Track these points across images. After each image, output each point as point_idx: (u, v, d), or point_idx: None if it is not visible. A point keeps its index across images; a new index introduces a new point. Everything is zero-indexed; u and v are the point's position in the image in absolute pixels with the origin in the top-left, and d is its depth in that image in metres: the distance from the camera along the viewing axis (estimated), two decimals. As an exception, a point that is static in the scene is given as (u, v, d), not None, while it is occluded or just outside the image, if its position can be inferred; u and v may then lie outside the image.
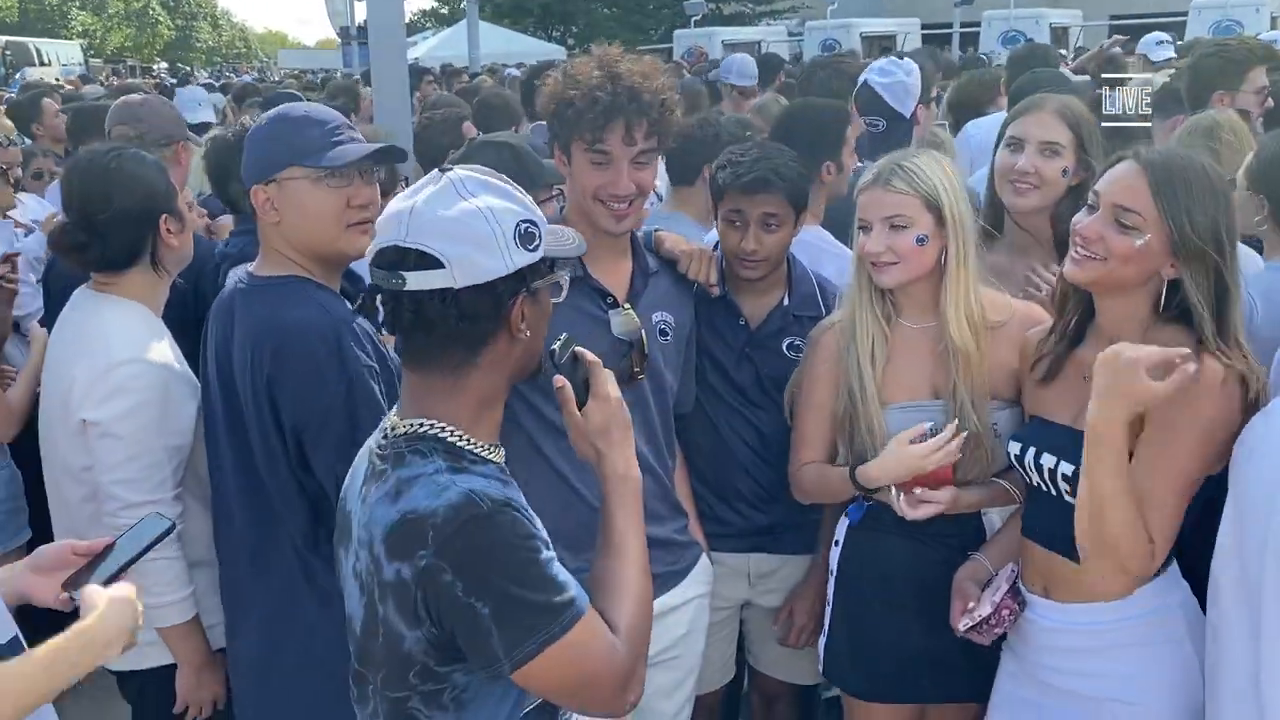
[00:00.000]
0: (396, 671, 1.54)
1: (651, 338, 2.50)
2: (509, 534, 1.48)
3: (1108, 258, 2.02)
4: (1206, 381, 1.91)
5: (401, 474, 1.54)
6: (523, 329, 1.59)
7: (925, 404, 2.42)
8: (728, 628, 2.96)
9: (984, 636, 2.22)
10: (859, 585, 2.54)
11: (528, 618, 1.47)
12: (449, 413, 1.59)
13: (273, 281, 2.28)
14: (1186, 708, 2.04)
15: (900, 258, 2.35)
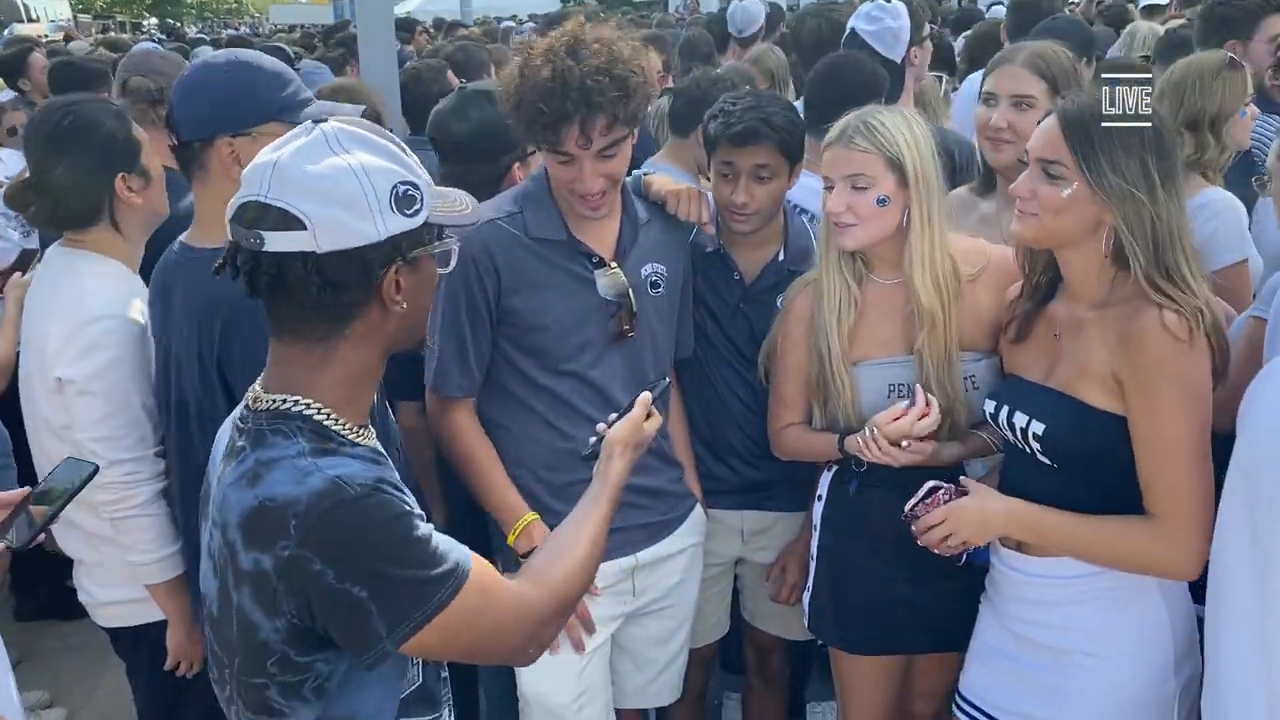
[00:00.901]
0: (253, 660, 1.46)
1: (641, 292, 2.48)
2: (379, 516, 1.40)
3: (1040, 212, 2.00)
4: (1166, 335, 1.88)
5: (261, 455, 1.43)
6: (398, 300, 1.46)
7: (899, 359, 2.39)
8: (721, 583, 2.96)
9: (930, 534, 2.18)
10: (842, 539, 2.54)
11: (408, 593, 1.40)
12: (314, 388, 1.47)
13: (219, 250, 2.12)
14: (1153, 662, 2.04)
15: (860, 219, 2.32)
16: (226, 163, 2.07)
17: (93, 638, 4.14)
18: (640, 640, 2.68)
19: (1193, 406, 1.90)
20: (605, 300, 2.42)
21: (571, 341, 2.40)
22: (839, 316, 2.40)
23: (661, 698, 2.78)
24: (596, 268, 2.42)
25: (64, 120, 2.50)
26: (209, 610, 1.54)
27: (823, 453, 2.48)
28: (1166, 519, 1.93)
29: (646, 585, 2.60)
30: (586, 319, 2.41)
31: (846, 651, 2.59)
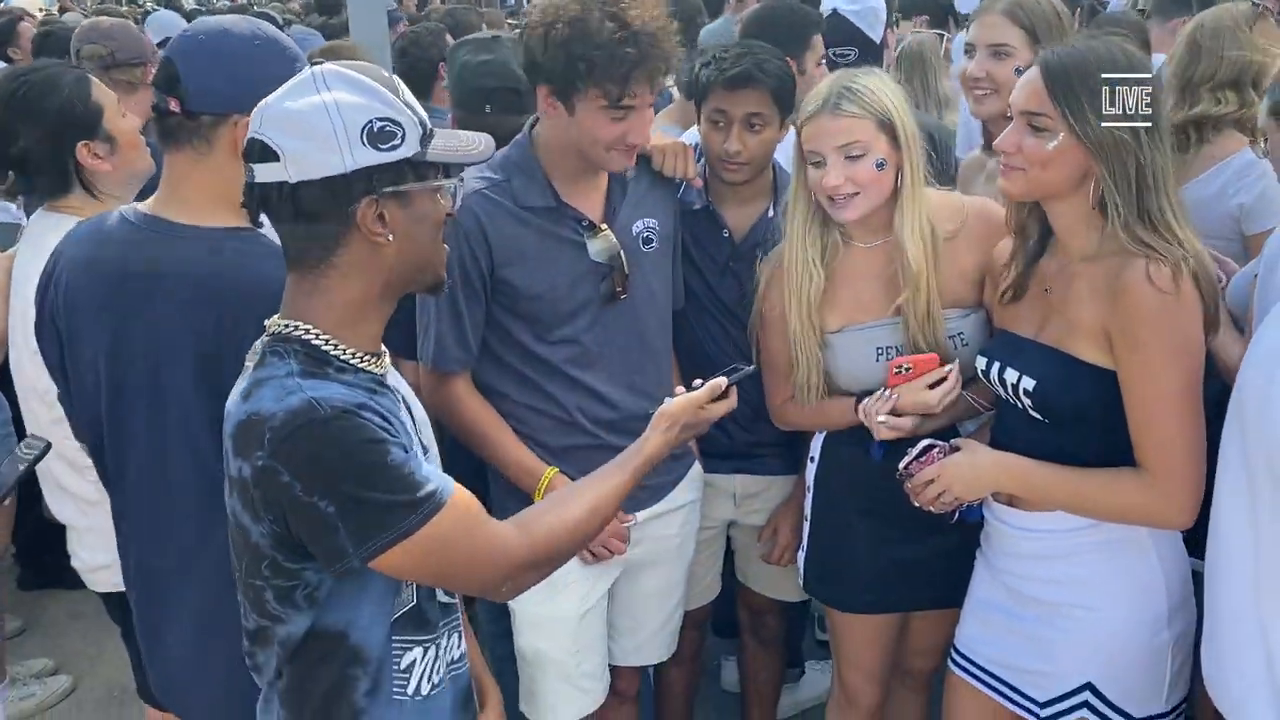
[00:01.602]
0: (251, 563, 1.56)
1: (635, 250, 2.46)
2: (349, 439, 1.46)
3: (1026, 167, 1.98)
4: (1152, 288, 1.87)
5: (258, 374, 1.53)
6: (381, 233, 1.52)
7: (885, 321, 2.37)
8: (714, 546, 2.98)
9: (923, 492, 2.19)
10: (834, 499, 2.54)
11: (376, 515, 1.47)
12: (311, 313, 1.56)
13: (228, 232, 1.95)
14: (1146, 614, 2.04)
15: (861, 187, 2.27)
16: (240, 142, 1.97)
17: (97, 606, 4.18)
18: (637, 596, 2.70)
19: (1182, 359, 1.90)
20: (597, 264, 2.41)
21: (565, 308, 2.39)
22: (800, 296, 2.37)
23: (657, 654, 2.80)
24: (587, 232, 2.41)
25: (19, 90, 2.47)
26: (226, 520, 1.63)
27: (837, 420, 2.45)
28: (1157, 471, 1.93)
29: (642, 537, 2.61)
30: (579, 284, 2.40)
31: (841, 611, 2.60)
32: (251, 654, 1.68)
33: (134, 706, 2.94)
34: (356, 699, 1.61)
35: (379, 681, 1.62)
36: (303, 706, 1.62)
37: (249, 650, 1.69)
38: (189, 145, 1.95)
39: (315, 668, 1.60)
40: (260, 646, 1.64)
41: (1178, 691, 2.08)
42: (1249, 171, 2.95)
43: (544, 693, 2.57)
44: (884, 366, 2.33)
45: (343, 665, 1.60)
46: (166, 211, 1.97)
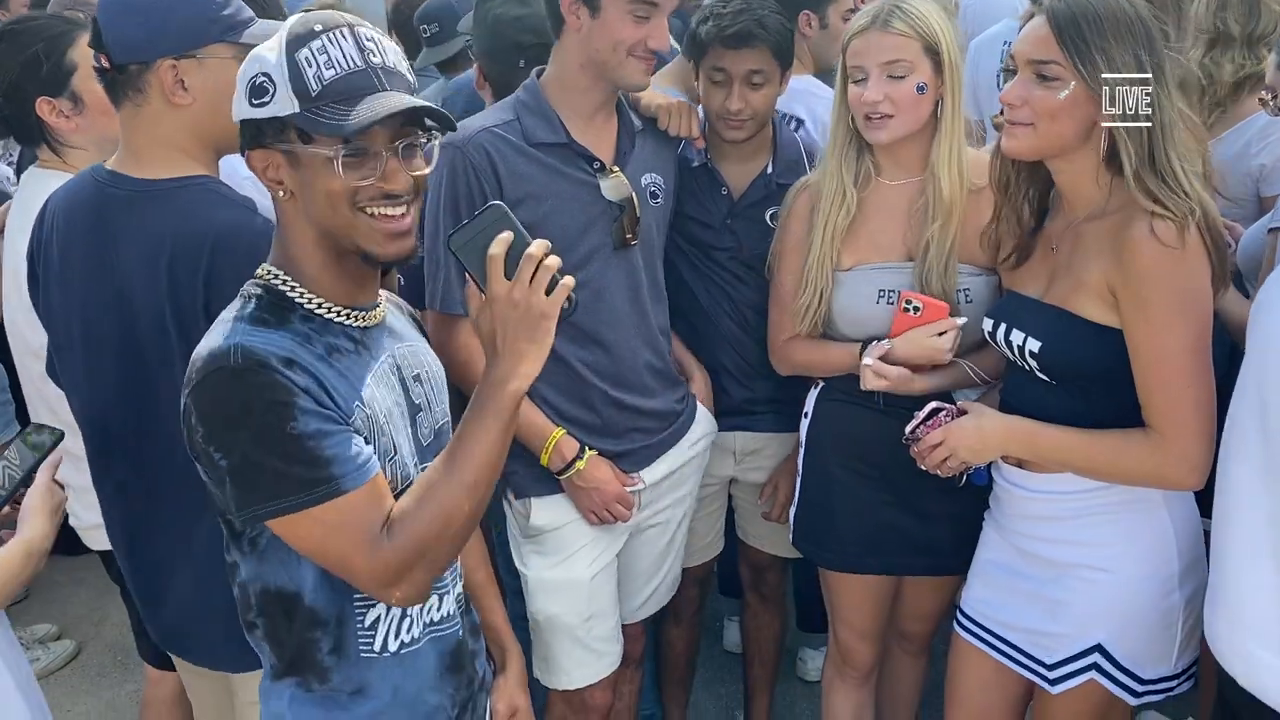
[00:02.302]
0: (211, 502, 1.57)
1: (643, 201, 2.44)
2: (255, 395, 1.42)
3: (1035, 121, 1.93)
4: (1157, 244, 1.84)
5: (223, 314, 1.54)
6: (282, 187, 1.52)
7: (894, 265, 2.36)
8: (715, 503, 2.98)
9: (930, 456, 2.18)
10: (826, 456, 2.53)
11: (264, 481, 1.43)
12: (280, 258, 1.58)
13: (178, 183, 1.95)
14: (1157, 575, 2.04)
15: (899, 109, 2.25)
16: (170, 87, 1.95)
17: (100, 572, 4.19)
18: (646, 557, 2.71)
19: (1189, 317, 1.87)
20: (609, 204, 2.38)
21: (577, 251, 2.36)
22: (827, 221, 2.36)
23: (658, 605, 2.82)
24: (599, 172, 2.39)
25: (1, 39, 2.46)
26: None
27: (838, 363, 2.43)
28: (1166, 431, 1.90)
29: (654, 497, 2.62)
30: (591, 226, 2.38)
31: (829, 569, 2.61)
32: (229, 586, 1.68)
33: (137, 671, 2.97)
34: (321, 659, 1.60)
35: (341, 640, 1.60)
36: (282, 656, 1.63)
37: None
38: (127, 99, 1.97)
39: (280, 628, 1.60)
40: (233, 580, 1.65)
41: (1188, 654, 2.09)
42: (1273, 130, 2.93)
43: (557, 656, 2.58)
44: (886, 310, 2.31)
45: (302, 628, 1.59)
46: (125, 168, 1.99)
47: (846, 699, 2.76)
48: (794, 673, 3.73)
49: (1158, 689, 2.08)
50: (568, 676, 2.58)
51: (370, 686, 1.64)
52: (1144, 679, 2.06)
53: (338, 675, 1.62)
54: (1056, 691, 2.11)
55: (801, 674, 3.73)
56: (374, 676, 1.64)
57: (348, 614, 1.60)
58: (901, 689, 2.93)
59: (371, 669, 1.64)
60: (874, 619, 2.64)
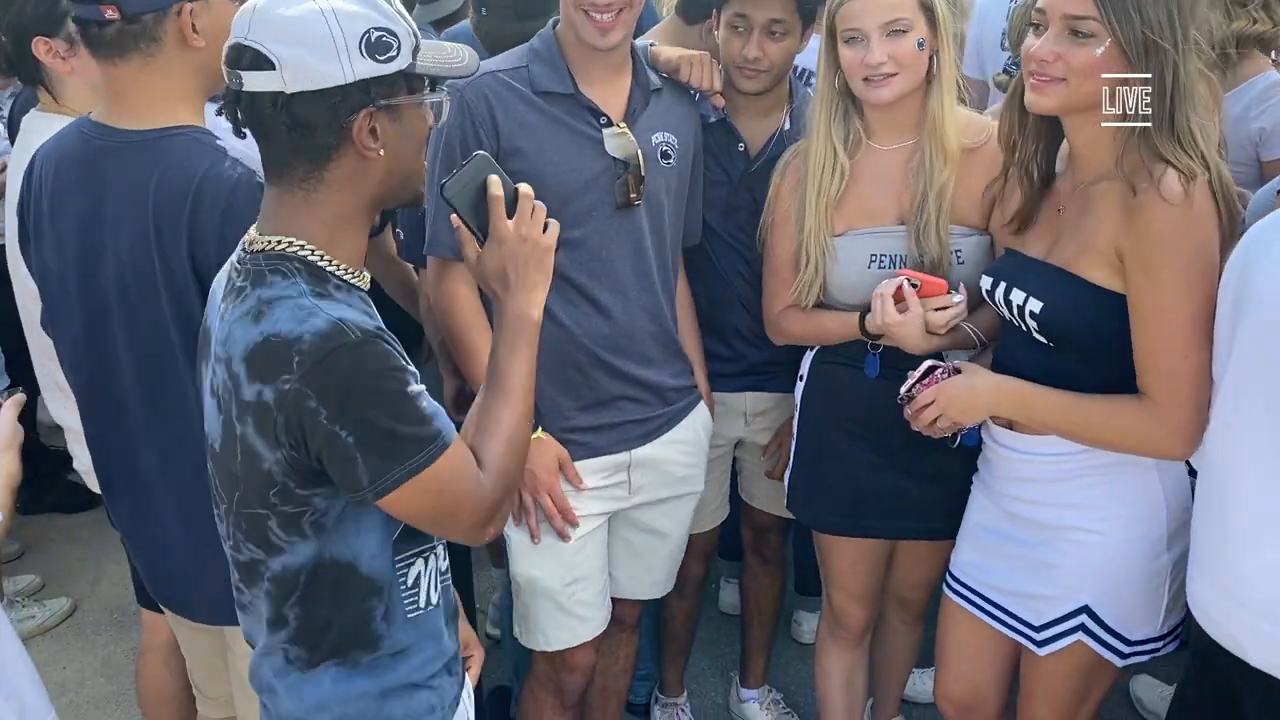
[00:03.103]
0: (256, 491, 1.52)
1: (652, 161, 2.43)
2: (378, 364, 1.44)
3: (1068, 77, 1.91)
4: (1165, 204, 1.83)
5: (263, 294, 1.49)
6: (373, 148, 1.50)
7: (886, 229, 2.36)
8: (722, 466, 2.99)
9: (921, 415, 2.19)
10: (820, 419, 2.54)
11: (393, 448, 1.46)
12: (304, 229, 1.53)
13: (164, 133, 1.94)
14: (1146, 537, 2.05)
15: (902, 67, 2.24)
16: (186, 32, 1.95)
17: (96, 530, 4.24)
18: (636, 532, 2.70)
19: (1195, 286, 1.85)
20: (613, 161, 2.37)
21: (576, 207, 2.34)
22: (820, 189, 2.36)
23: (650, 591, 2.80)
24: (605, 127, 2.38)
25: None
26: (210, 446, 1.60)
27: (835, 333, 2.44)
28: (1161, 399, 1.90)
29: (644, 483, 2.60)
30: (593, 182, 2.36)
31: (821, 532, 2.63)
32: (239, 590, 1.68)
33: (133, 628, 3.00)
34: (375, 627, 1.62)
35: (391, 605, 1.63)
36: (320, 643, 1.61)
37: (236, 586, 1.68)
38: (135, 51, 1.94)
39: (328, 604, 1.59)
40: (249, 583, 1.63)
41: (1175, 615, 2.11)
42: (1272, 93, 2.92)
43: (536, 618, 2.58)
44: (879, 275, 2.31)
45: (359, 599, 1.59)
46: (114, 119, 1.98)
47: (839, 661, 2.80)
48: (789, 635, 3.77)
49: (1144, 650, 2.11)
50: (544, 638, 2.59)
51: (414, 644, 1.67)
52: (1131, 640, 2.08)
53: (387, 641, 1.64)
54: (1044, 653, 2.14)
55: (796, 636, 3.78)
56: (418, 634, 1.67)
57: (394, 576, 1.63)
58: (896, 655, 2.98)
59: (417, 627, 1.67)
60: (867, 582, 2.66)
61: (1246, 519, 1.71)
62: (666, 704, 3.32)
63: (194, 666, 2.46)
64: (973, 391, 2.13)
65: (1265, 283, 1.68)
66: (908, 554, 2.67)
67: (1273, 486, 1.66)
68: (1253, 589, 1.69)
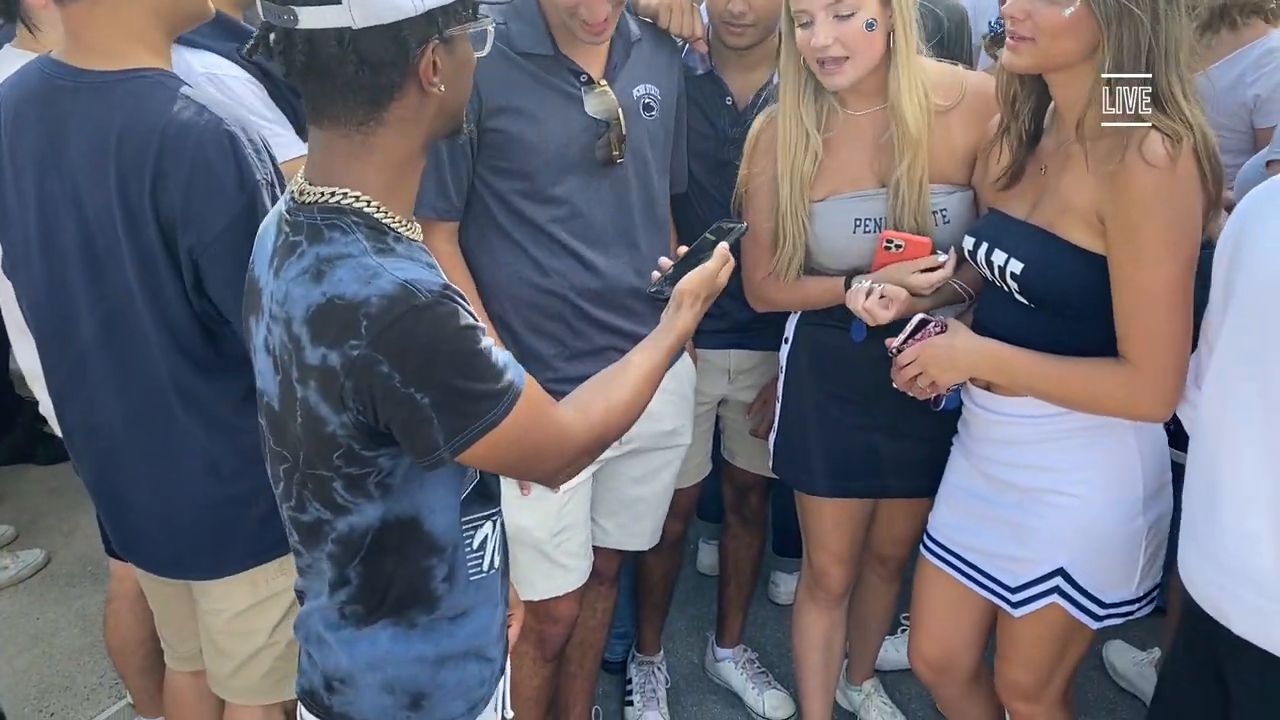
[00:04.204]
0: (319, 453, 1.49)
1: (634, 115, 2.42)
2: (448, 325, 1.40)
3: (1035, 36, 1.91)
4: (1147, 166, 1.83)
5: (322, 251, 1.43)
6: (436, 82, 1.44)
7: (867, 193, 2.36)
8: (706, 424, 3.01)
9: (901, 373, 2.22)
10: (805, 381, 2.56)
11: (469, 406, 1.43)
12: (360, 178, 1.47)
13: (126, 75, 1.88)
14: (1123, 500, 2.08)
15: (851, 50, 2.22)
16: None
17: (71, 481, 4.23)
18: (624, 480, 2.73)
19: (1176, 249, 1.86)
20: (594, 121, 2.36)
21: (557, 166, 2.35)
22: (793, 167, 2.35)
23: (638, 542, 2.84)
24: (585, 86, 2.37)
25: None
26: (267, 406, 1.57)
27: (819, 299, 2.44)
28: (1139, 363, 1.91)
29: (634, 434, 2.60)
30: (573, 142, 2.36)
31: (805, 493, 2.65)
32: (298, 553, 1.65)
33: (108, 580, 3.01)
34: (435, 587, 1.60)
35: (454, 566, 1.61)
36: (380, 601, 1.60)
37: (295, 549, 1.66)
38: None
39: (388, 563, 1.57)
40: (310, 544, 1.60)
41: (1149, 579, 2.14)
42: (1268, 60, 2.92)
43: (523, 568, 2.59)
44: (864, 239, 2.32)
45: (418, 557, 1.58)
46: (73, 58, 1.93)
47: (817, 621, 2.84)
48: (766, 596, 3.81)
49: (1119, 613, 2.13)
50: (533, 588, 2.61)
51: (474, 608, 1.67)
52: (1105, 603, 2.11)
53: (446, 603, 1.63)
54: (1018, 614, 2.17)
55: (773, 597, 3.82)
56: (480, 598, 1.67)
57: (459, 538, 1.62)
58: (873, 614, 3.03)
59: (479, 590, 1.66)
60: (849, 543, 2.69)
61: (1233, 487, 1.72)
62: (643, 662, 3.36)
63: (162, 621, 2.47)
64: (952, 351, 2.15)
65: (1260, 251, 1.68)
66: (890, 512, 2.70)
67: (1260, 455, 1.67)
68: (1236, 557, 1.71)
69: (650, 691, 3.32)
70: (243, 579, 2.15)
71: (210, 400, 2.03)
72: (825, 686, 2.91)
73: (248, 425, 2.02)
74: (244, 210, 1.86)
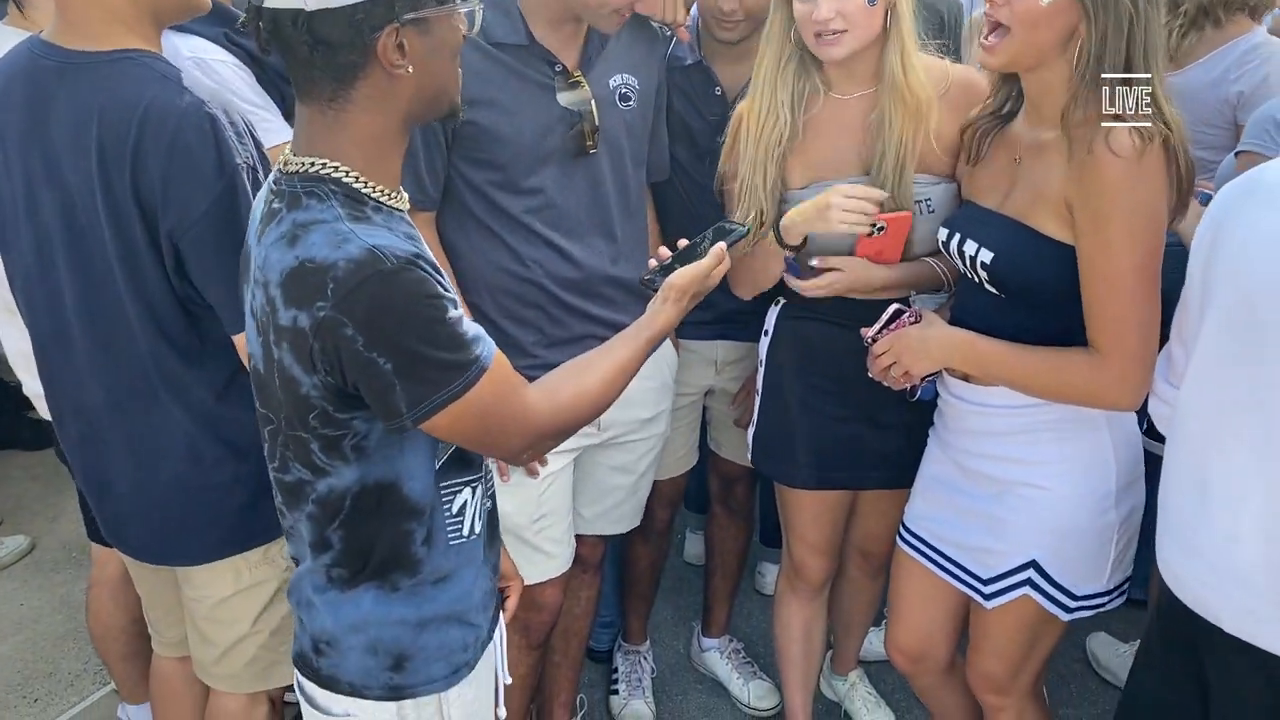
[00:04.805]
0: (297, 414, 1.55)
1: (609, 105, 2.43)
2: (414, 291, 1.45)
3: (1013, 25, 1.92)
4: (1114, 157, 1.85)
5: (298, 217, 1.49)
6: (401, 65, 1.48)
7: (852, 180, 2.36)
8: (692, 415, 3.04)
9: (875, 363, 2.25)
10: (785, 373, 2.57)
11: (432, 373, 1.48)
12: (336, 150, 1.52)
13: (111, 56, 1.91)
14: (1095, 493, 2.10)
15: (851, 24, 2.23)
16: None
17: (56, 468, 4.25)
18: (603, 468, 2.74)
19: (1142, 238, 1.88)
20: (567, 112, 2.37)
21: (531, 157, 2.36)
22: (760, 138, 2.35)
23: (619, 526, 2.86)
24: (559, 77, 2.38)
25: None
26: (254, 368, 1.62)
27: (768, 260, 2.42)
28: (1109, 352, 1.93)
29: (613, 420, 2.62)
30: (547, 133, 2.37)
31: (784, 485, 2.67)
32: (282, 514, 1.70)
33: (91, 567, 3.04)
34: (415, 550, 1.65)
35: (433, 530, 1.66)
36: (363, 565, 1.65)
37: (280, 510, 1.71)
38: None
39: (369, 526, 1.62)
40: (291, 505, 1.66)
41: (1120, 572, 2.17)
42: (1252, 57, 2.94)
43: None
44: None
45: (397, 520, 1.62)
46: (59, 38, 1.95)
47: (798, 612, 2.86)
48: (752, 586, 3.84)
49: (1090, 605, 2.16)
50: None
51: (455, 572, 1.71)
52: (1076, 595, 2.14)
53: (427, 566, 1.67)
54: (990, 606, 2.20)
55: (759, 587, 3.85)
56: (461, 562, 1.71)
57: (438, 502, 1.66)
58: (856, 608, 3.05)
59: (459, 555, 1.70)
60: (828, 534, 2.72)
61: (1224, 486, 1.72)
62: (629, 651, 3.39)
63: (149, 606, 2.50)
64: (925, 342, 2.17)
65: (1245, 251, 1.68)
66: (870, 505, 2.72)
67: (1250, 455, 1.67)
68: (1226, 556, 1.71)
69: (636, 681, 3.35)
70: (225, 567, 2.17)
71: (193, 386, 2.06)
72: (807, 677, 2.94)
73: (230, 413, 2.06)
74: (223, 194, 1.89)
